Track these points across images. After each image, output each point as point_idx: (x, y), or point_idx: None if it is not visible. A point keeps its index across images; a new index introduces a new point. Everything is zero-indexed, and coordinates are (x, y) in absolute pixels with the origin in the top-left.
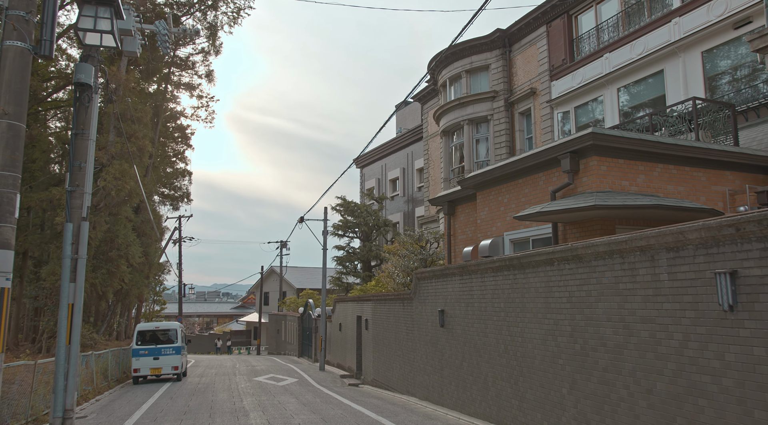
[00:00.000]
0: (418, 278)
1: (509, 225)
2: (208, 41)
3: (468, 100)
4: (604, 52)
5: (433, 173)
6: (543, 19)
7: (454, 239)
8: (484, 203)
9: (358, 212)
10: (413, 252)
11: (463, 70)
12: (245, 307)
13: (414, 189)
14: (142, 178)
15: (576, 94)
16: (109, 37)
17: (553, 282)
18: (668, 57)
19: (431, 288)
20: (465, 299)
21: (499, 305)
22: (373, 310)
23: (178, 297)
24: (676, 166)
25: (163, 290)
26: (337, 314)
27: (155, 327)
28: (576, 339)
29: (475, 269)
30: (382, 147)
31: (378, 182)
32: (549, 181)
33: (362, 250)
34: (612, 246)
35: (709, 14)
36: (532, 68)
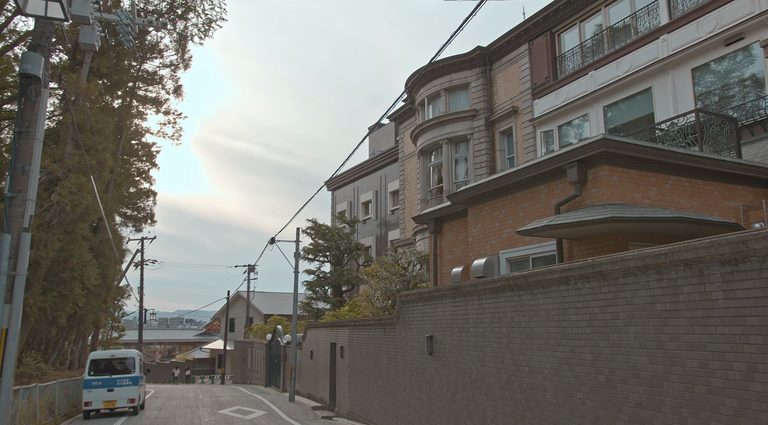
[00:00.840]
0: (403, 301)
1: (505, 243)
2: (176, 54)
3: (447, 118)
4: (589, 70)
5: (410, 195)
6: (525, 37)
7: (440, 260)
8: (476, 220)
9: (330, 235)
10: (394, 274)
11: (442, 89)
12: (209, 334)
13: (387, 212)
14: (101, 194)
15: (560, 113)
16: (56, 7)
17: (570, 304)
18: (657, 74)
19: (418, 312)
20: (458, 323)
21: (500, 330)
22: (349, 336)
23: (138, 323)
24: (688, 179)
25: (122, 316)
26: (308, 341)
27: (111, 356)
28: (599, 369)
29: (470, 290)
30: (355, 169)
31: (350, 204)
32: (552, 193)
33: (333, 274)
34: (647, 260)
35: (698, 31)
36: (514, 87)
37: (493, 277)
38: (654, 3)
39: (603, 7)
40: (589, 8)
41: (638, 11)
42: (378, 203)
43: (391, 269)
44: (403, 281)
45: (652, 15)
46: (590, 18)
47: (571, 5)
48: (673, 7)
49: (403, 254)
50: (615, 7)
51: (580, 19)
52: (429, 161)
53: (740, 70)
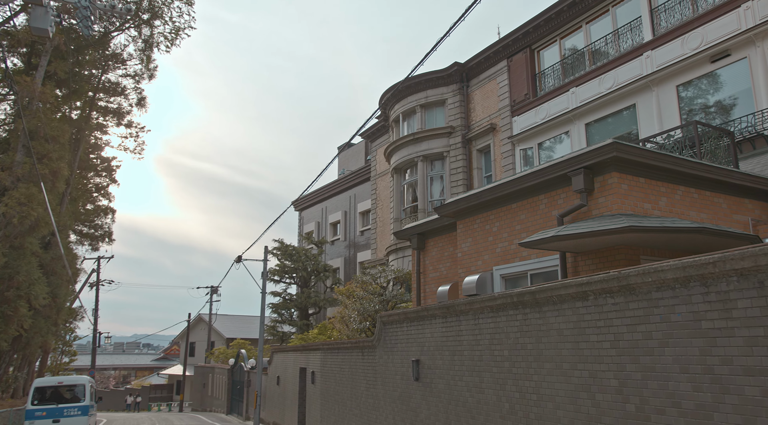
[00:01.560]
0: (384, 322)
1: (500, 258)
2: (141, 63)
3: (423, 135)
4: (570, 87)
5: (382, 214)
6: (504, 53)
7: (423, 278)
8: (466, 234)
9: (297, 256)
10: (372, 293)
11: (418, 105)
12: (168, 359)
13: (356, 233)
14: (54, 206)
15: (540, 130)
16: None
17: (588, 322)
18: (641, 91)
19: (401, 334)
20: (450, 346)
21: (501, 353)
22: (322, 360)
23: (91, 347)
24: (697, 190)
25: (74, 339)
26: (274, 365)
27: (58, 383)
28: (628, 397)
29: (465, 309)
30: (323, 189)
31: (318, 225)
32: (553, 204)
33: (300, 297)
34: (689, 271)
35: (683, 47)
36: (492, 103)
37: (492, 294)
38: (637, 20)
39: (584, 24)
40: (570, 25)
41: (620, 28)
42: (347, 224)
43: (369, 289)
44: (382, 301)
45: (635, 32)
46: (571, 35)
47: (551, 22)
48: (657, 24)
49: (381, 272)
50: (596, 24)
51: (560, 36)
52: (403, 178)
53: (727, 87)
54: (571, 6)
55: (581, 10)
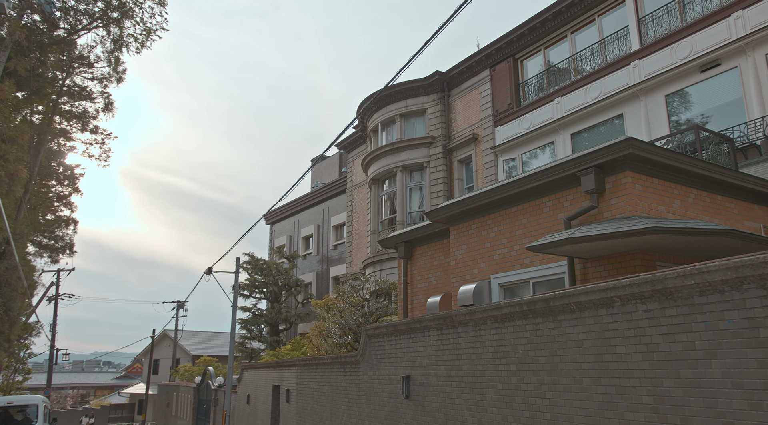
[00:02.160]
0: (369, 335)
1: (498, 266)
2: (108, 66)
3: (402, 145)
4: (555, 97)
5: (358, 226)
6: (486, 63)
7: (411, 288)
8: (460, 240)
9: (268, 270)
10: (354, 305)
11: (398, 114)
12: (129, 377)
13: (329, 247)
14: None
15: (524, 141)
16: None
17: (614, 332)
18: (628, 100)
19: (389, 348)
20: (447, 360)
21: (507, 367)
22: (298, 377)
23: (48, 365)
24: (709, 194)
25: (29, 357)
26: (244, 383)
27: (7, 403)
28: (666, 417)
29: (464, 319)
30: (296, 203)
31: (290, 239)
32: (558, 207)
33: (270, 312)
34: (743, 271)
35: (672, 57)
36: (474, 114)
37: (497, 302)
38: (624, 29)
39: (569, 33)
40: (555, 35)
41: (607, 38)
42: (320, 238)
43: (350, 300)
44: (366, 314)
45: (622, 41)
46: (556, 44)
47: (536, 31)
48: (644, 33)
49: (363, 283)
50: (582, 34)
51: (544, 45)
52: (381, 190)
53: (717, 96)
54: (557, 15)
55: (566, 19)
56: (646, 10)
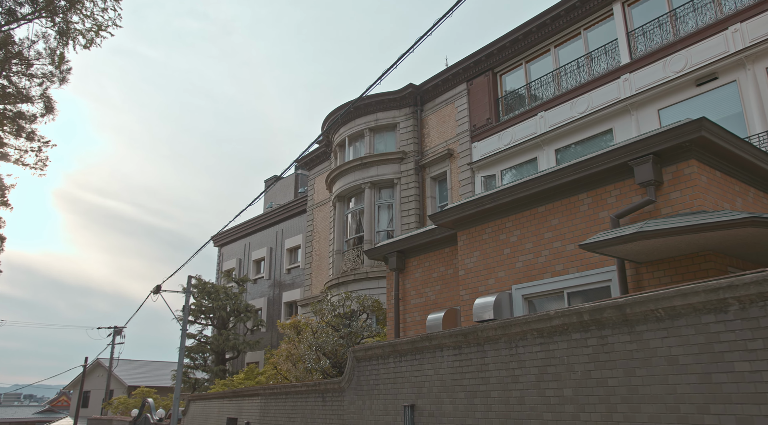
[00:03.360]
0: (358, 358)
1: (522, 275)
2: (52, 64)
3: (371, 160)
4: (538, 111)
5: (319, 247)
6: (463, 76)
7: (403, 305)
8: (471, 247)
9: (216, 294)
10: (333, 325)
11: (367, 128)
12: (54, 411)
13: (282, 271)
14: None
15: (504, 156)
16: None
17: (729, 344)
18: (618, 115)
19: (385, 372)
20: (468, 385)
21: (560, 392)
22: (262, 409)
23: None
24: (766, 194)
25: None
26: (191, 416)
27: None
28: None
29: (495, 335)
30: (247, 224)
31: (239, 262)
32: (600, 203)
33: (217, 339)
34: None
35: (666, 70)
36: (449, 129)
37: (544, 313)
38: (612, 43)
39: (553, 47)
40: (537, 48)
41: (593, 51)
42: (272, 261)
43: (330, 318)
44: (348, 335)
45: (610, 55)
46: (538, 59)
47: (517, 44)
48: (634, 47)
49: (345, 299)
50: (566, 47)
51: (525, 59)
52: (347, 207)
53: (715, 111)
54: (541, 27)
55: (550, 32)
56: (636, 24)
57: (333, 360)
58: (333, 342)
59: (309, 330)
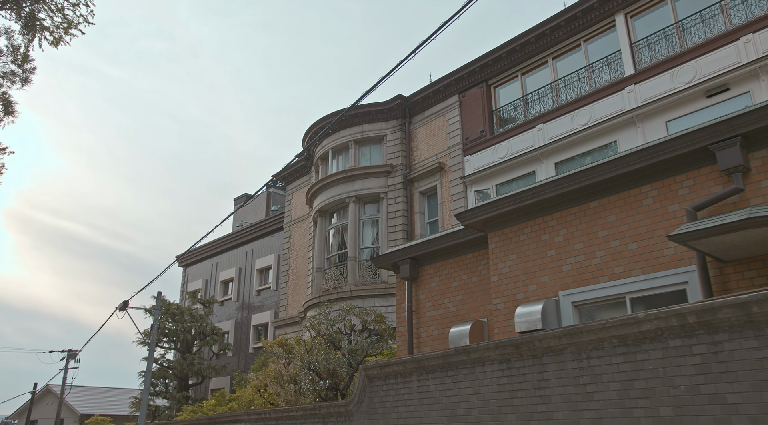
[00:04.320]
0: (371, 376)
1: (571, 279)
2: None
3: (357, 173)
4: (536, 123)
5: (297, 265)
6: (455, 88)
7: (417, 318)
8: (506, 249)
9: (180, 316)
10: (333, 341)
11: (352, 140)
12: None
13: (252, 293)
14: None
15: (499, 170)
16: None
17: None
18: (623, 127)
19: (407, 392)
20: (521, 405)
21: (655, 412)
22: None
23: None
24: None
25: None
26: None
27: None
28: None
29: (558, 345)
30: (215, 243)
31: (206, 283)
32: (669, 196)
33: (180, 364)
34: None
35: (673, 81)
36: (440, 142)
37: (631, 316)
38: (615, 54)
39: (551, 59)
40: (534, 60)
41: (595, 63)
42: (241, 283)
43: (329, 334)
44: (352, 351)
45: (612, 67)
46: (535, 71)
47: (514, 54)
48: (638, 58)
49: (346, 312)
50: (565, 59)
51: (521, 71)
52: (328, 223)
53: None
54: (539, 38)
55: (548, 44)
56: (639, 36)
57: (332, 381)
58: (334, 360)
59: (302, 347)
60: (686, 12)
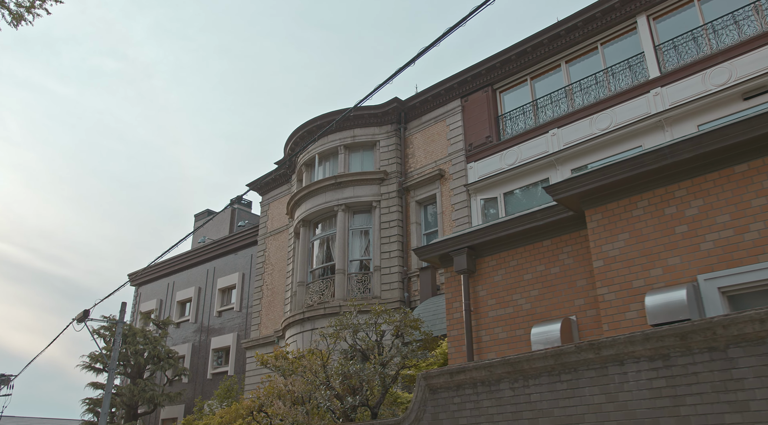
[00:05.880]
0: (434, 386)
1: (714, 260)
2: None
3: (347, 180)
4: (549, 128)
5: (272, 281)
6: (457, 92)
7: (476, 319)
8: (612, 228)
9: (132, 338)
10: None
11: (342, 145)
12: None
13: (212, 315)
14: None
15: (508, 177)
16: None
17: None
18: (649, 130)
19: (492, 404)
20: (692, 415)
21: None
22: None
23: None
24: None
25: None
26: None
27: None
28: None
29: (759, 332)
30: (172, 261)
31: (161, 303)
32: None
33: (131, 390)
34: None
35: (705, 83)
36: (439, 148)
37: None
38: (637, 57)
39: (564, 63)
40: (545, 63)
41: (614, 66)
42: (200, 303)
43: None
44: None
45: (634, 69)
46: (545, 75)
47: (525, 56)
48: (663, 60)
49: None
50: (579, 63)
51: (531, 75)
52: (313, 233)
53: None
54: (553, 39)
55: (561, 46)
56: (662, 38)
57: (364, 397)
58: (369, 372)
59: (316, 357)
60: (713, 14)
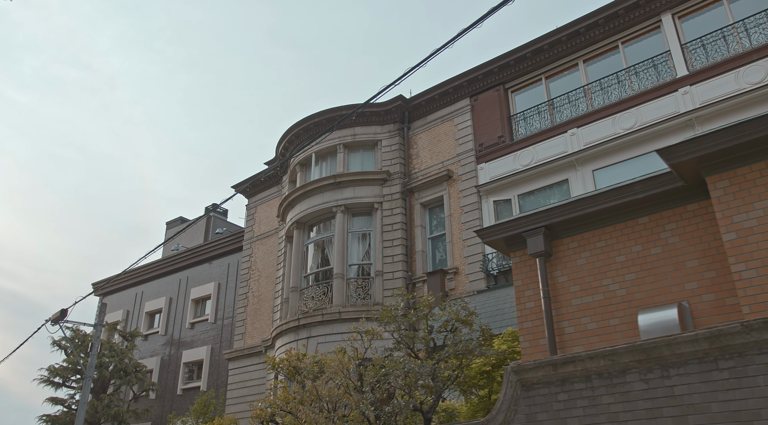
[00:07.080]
0: (527, 382)
1: None
2: None
3: (347, 180)
4: (568, 127)
5: (259, 288)
6: (467, 90)
7: (557, 307)
8: (746, 196)
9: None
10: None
11: (341, 144)
12: None
13: (184, 326)
14: None
15: (522, 178)
16: None
17: None
18: (679, 130)
19: (613, 402)
20: None
21: None
22: None
23: None
24: None
25: None
26: None
27: None
28: None
29: None
30: (141, 270)
31: (128, 314)
32: None
33: (93, 406)
34: None
35: (739, 82)
36: (447, 148)
37: None
38: (662, 56)
39: (581, 62)
40: (561, 62)
41: (638, 64)
42: (171, 314)
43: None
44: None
45: (660, 68)
46: (561, 74)
47: (541, 54)
48: (691, 59)
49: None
50: (598, 62)
51: (545, 75)
52: (307, 236)
53: None
54: (572, 37)
55: (581, 44)
56: (688, 37)
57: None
58: (427, 371)
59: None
60: (742, 13)
